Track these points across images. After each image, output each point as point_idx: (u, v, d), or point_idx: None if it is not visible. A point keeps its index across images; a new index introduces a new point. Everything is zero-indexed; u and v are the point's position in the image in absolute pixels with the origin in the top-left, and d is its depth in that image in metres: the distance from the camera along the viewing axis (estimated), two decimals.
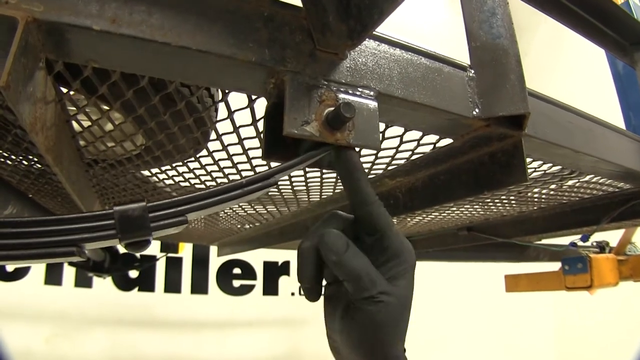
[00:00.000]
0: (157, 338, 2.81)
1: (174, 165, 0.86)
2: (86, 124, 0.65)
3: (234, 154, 0.74)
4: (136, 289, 2.85)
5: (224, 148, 0.71)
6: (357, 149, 0.45)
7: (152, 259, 2.67)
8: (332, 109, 0.42)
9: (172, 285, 2.92)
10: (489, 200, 1.05)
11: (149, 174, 0.96)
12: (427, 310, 3.65)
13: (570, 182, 0.89)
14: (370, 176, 0.81)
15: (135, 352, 2.76)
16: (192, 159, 0.83)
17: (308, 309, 3.47)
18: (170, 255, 2.87)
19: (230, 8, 0.41)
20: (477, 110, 0.53)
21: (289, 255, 3.25)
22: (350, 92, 0.44)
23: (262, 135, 0.49)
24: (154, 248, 2.69)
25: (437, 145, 0.65)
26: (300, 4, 0.44)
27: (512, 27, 0.58)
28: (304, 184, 0.89)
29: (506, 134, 0.57)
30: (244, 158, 0.74)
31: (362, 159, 0.73)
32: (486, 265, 1.86)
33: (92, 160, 0.84)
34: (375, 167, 0.76)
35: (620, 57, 0.97)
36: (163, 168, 0.90)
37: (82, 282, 2.66)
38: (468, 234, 1.39)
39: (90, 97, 0.51)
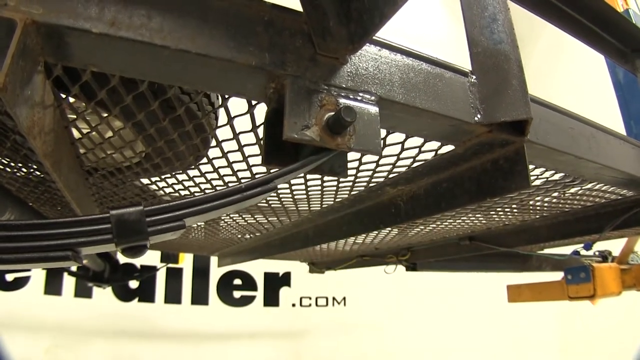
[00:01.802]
0: (158, 349, 2.79)
1: (174, 173, 0.86)
2: (86, 130, 0.65)
3: (234, 162, 0.73)
4: (136, 299, 2.83)
5: (224, 155, 0.70)
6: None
7: (153, 269, 2.66)
8: (333, 113, 0.41)
9: (173, 296, 2.91)
10: (491, 209, 1.04)
11: (149, 182, 0.95)
12: (433, 322, 3.63)
13: (572, 190, 0.88)
14: (371, 184, 0.81)
15: None
16: (193, 167, 0.82)
17: (309, 320, 3.45)
18: (170, 265, 2.85)
19: (231, 12, 0.41)
20: (479, 115, 0.52)
21: (290, 267, 3.24)
22: (351, 96, 0.44)
23: (262, 141, 0.49)
24: (154, 258, 2.68)
25: (439, 152, 0.64)
26: (300, 9, 0.44)
27: (514, 33, 0.57)
28: (304, 192, 0.89)
29: (508, 140, 0.56)
30: (244, 165, 0.73)
31: (363, 167, 0.73)
32: (489, 276, 1.85)
33: (92, 168, 0.84)
34: (376, 174, 0.75)
35: (621, 64, 0.97)
36: (163, 176, 0.90)
37: (82, 292, 2.64)
38: (470, 244, 1.38)
39: (90, 102, 0.51)
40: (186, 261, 2.97)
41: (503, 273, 1.74)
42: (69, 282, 2.62)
